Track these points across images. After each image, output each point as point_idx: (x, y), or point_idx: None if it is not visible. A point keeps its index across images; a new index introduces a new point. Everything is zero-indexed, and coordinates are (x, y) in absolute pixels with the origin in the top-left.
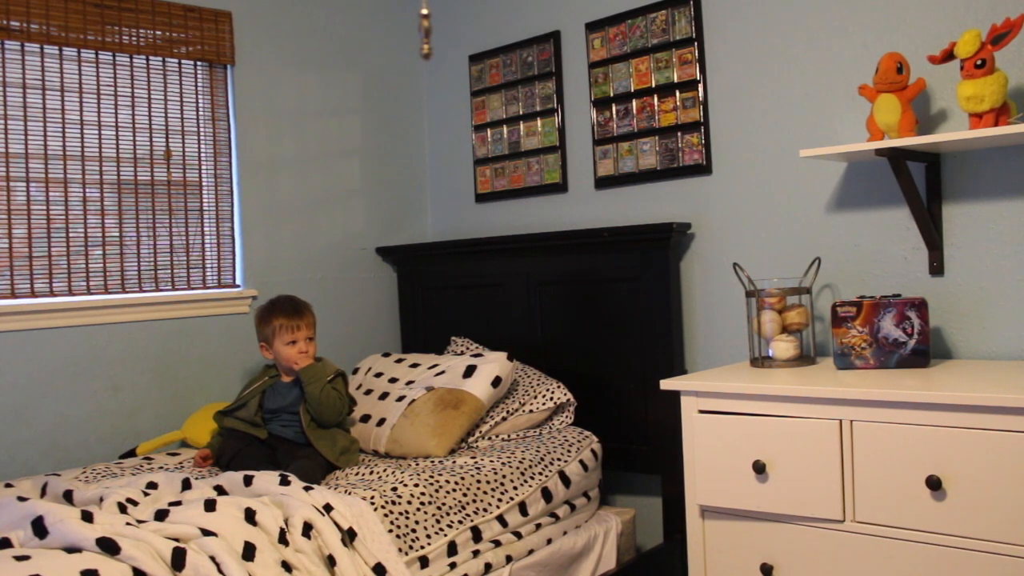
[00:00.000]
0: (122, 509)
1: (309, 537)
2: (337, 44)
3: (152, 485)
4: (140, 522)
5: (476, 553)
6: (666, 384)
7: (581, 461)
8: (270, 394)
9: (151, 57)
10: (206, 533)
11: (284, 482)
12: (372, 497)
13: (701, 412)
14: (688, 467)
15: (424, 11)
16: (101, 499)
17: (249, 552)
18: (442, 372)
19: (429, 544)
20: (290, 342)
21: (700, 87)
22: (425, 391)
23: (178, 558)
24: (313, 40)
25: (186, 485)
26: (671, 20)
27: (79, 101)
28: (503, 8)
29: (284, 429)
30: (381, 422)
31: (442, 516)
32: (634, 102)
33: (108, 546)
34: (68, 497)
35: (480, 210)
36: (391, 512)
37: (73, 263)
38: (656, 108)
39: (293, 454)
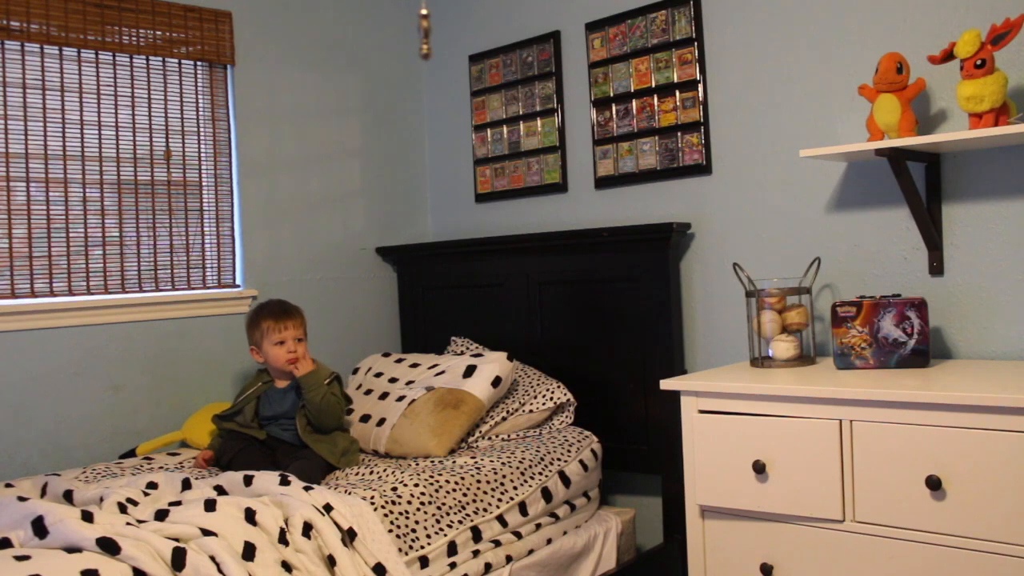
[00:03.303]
0: (122, 509)
1: (309, 537)
2: (337, 44)
3: (152, 485)
4: (140, 522)
5: (476, 553)
6: (666, 384)
7: (581, 461)
8: (265, 400)
9: (151, 57)
10: (206, 533)
11: (284, 482)
12: (372, 497)
13: (701, 412)
14: (688, 467)
15: (424, 11)
16: (101, 499)
17: (249, 552)
18: (442, 372)
19: (429, 544)
20: (278, 342)
21: (700, 87)
22: (425, 391)
23: (178, 558)
24: (313, 40)
25: (186, 485)
26: (671, 20)
27: (79, 101)
28: (503, 8)
29: (283, 432)
30: (381, 422)
31: (442, 516)
32: (634, 102)
33: (108, 546)
34: (68, 497)
35: (480, 210)
36: (391, 512)
37: (73, 263)
38: (656, 108)
39: (293, 454)
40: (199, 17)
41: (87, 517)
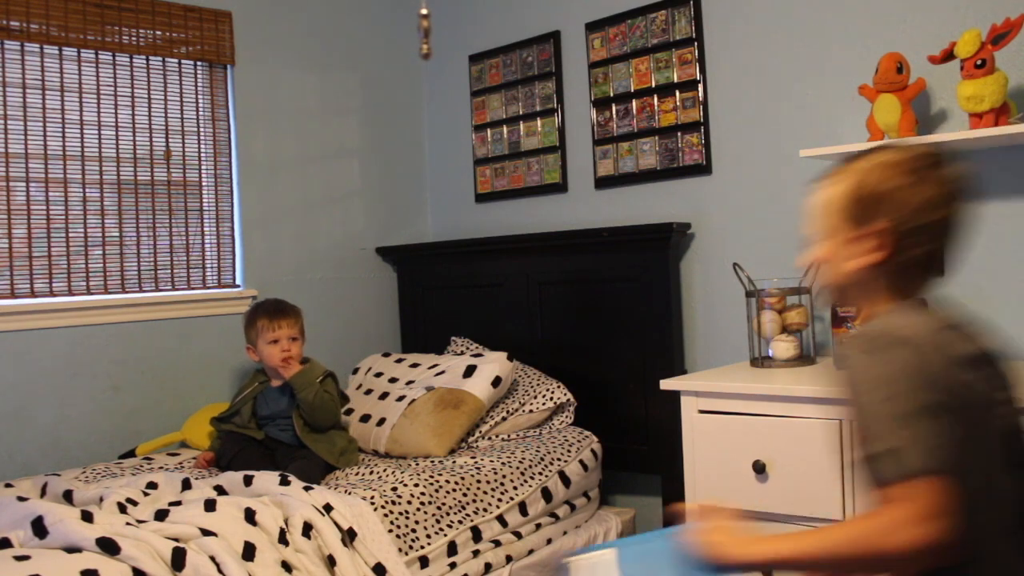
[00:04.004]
0: (122, 509)
1: (309, 537)
2: (337, 44)
3: (152, 485)
4: (140, 522)
5: (476, 553)
6: (666, 384)
7: (581, 461)
8: (261, 401)
9: (151, 57)
10: (206, 533)
11: (284, 482)
12: (372, 497)
13: (701, 412)
14: (688, 467)
15: (424, 11)
16: (101, 499)
17: (249, 552)
18: (442, 372)
19: (429, 544)
20: (272, 341)
21: (700, 87)
22: (425, 391)
23: (178, 558)
24: (313, 40)
25: (186, 485)
26: (671, 20)
27: (79, 101)
28: (503, 8)
29: (281, 433)
30: (381, 422)
31: (442, 516)
32: (634, 102)
33: (108, 546)
34: (68, 497)
35: (480, 210)
36: (391, 512)
37: (73, 263)
38: (656, 108)
39: (292, 454)
40: (199, 17)
41: (87, 517)
